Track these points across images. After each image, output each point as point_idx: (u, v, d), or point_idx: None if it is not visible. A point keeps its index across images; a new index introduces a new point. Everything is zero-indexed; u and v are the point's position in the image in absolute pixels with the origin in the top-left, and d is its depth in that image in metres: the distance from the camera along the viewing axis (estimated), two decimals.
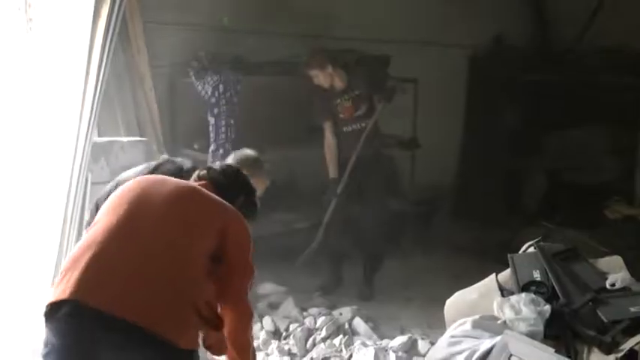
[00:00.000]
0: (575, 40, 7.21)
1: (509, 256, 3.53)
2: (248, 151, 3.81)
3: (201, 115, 5.19)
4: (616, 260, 3.53)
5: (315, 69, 5.21)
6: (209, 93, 5.11)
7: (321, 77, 5.23)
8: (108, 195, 2.60)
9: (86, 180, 4.06)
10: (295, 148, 5.77)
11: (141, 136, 5.00)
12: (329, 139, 5.35)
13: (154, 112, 5.17)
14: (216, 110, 5.13)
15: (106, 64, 4.08)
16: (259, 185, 3.54)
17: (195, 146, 5.44)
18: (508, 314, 3.10)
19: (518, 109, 7.24)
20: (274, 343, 4.42)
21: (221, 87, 5.09)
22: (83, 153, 3.92)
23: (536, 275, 3.34)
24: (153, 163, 3.08)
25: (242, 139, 5.28)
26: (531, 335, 2.97)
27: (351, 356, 4.19)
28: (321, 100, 5.39)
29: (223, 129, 5.15)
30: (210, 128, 5.14)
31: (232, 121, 5.18)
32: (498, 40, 7.34)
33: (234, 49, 5.48)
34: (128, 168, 3.17)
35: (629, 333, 2.96)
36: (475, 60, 7.36)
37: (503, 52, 7.26)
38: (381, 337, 4.48)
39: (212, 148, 5.18)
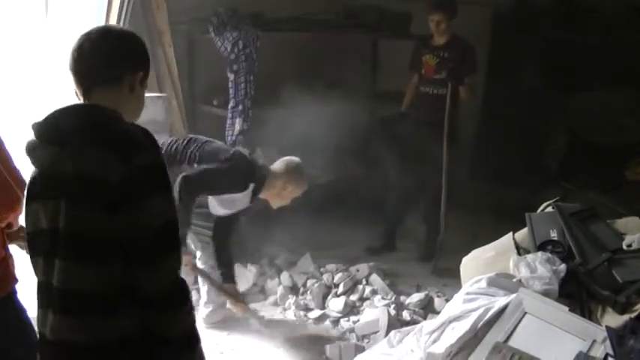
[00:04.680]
0: None
1: (526, 214, 3.52)
2: (293, 158, 4.03)
3: (221, 71, 5.18)
4: (634, 221, 3.51)
5: (441, 14, 4.85)
6: (228, 49, 5.09)
7: (441, 26, 4.90)
8: None
9: None
10: (314, 104, 5.74)
11: (160, 92, 5.01)
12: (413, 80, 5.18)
13: (173, 69, 5.17)
14: (235, 66, 5.12)
15: (124, 20, 4.08)
16: (296, 190, 3.98)
17: (215, 102, 5.46)
18: (524, 272, 3.11)
19: (541, 69, 7.13)
20: (292, 298, 4.49)
21: (240, 43, 5.07)
22: None
23: (553, 234, 3.33)
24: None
25: (261, 95, 5.29)
26: (546, 294, 2.98)
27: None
28: (418, 48, 5.15)
29: (242, 85, 5.14)
30: (230, 84, 5.14)
31: (251, 78, 5.16)
32: None
33: (254, 5, 5.44)
34: (147, 124, 3.17)
35: None
36: (498, 18, 7.24)
37: (526, 9, 7.13)
38: (398, 294, 4.52)
39: (231, 104, 5.18)
